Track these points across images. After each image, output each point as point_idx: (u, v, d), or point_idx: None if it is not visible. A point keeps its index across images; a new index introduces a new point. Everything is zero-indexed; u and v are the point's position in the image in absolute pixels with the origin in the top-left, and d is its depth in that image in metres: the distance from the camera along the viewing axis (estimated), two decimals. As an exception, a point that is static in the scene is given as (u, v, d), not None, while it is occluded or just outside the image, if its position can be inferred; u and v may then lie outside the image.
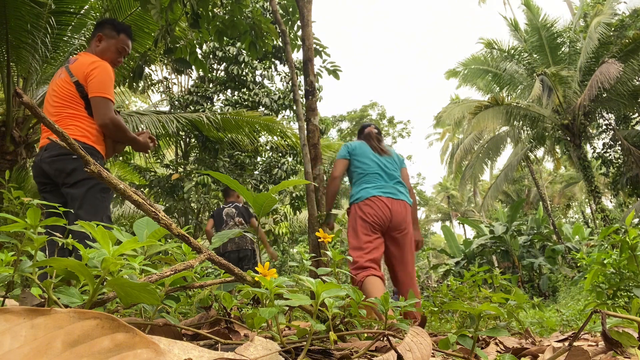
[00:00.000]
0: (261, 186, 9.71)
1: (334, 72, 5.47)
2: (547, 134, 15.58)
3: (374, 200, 2.78)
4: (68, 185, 2.17)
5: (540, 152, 19.88)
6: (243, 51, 9.89)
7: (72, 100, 2.25)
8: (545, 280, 15.16)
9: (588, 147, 15.68)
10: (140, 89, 11.58)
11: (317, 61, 6.12)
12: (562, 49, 15.49)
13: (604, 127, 15.23)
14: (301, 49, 4.53)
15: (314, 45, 5.15)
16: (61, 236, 1.09)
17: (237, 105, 9.93)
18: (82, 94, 2.26)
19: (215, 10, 4.71)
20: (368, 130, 3.21)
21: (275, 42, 8.36)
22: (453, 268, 17.25)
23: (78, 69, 2.27)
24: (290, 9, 5.48)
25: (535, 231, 17.02)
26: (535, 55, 15.79)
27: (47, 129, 2.27)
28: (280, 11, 5.39)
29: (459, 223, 36.78)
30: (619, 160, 14.31)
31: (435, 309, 2.48)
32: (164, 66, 11.92)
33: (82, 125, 2.24)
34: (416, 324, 1.02)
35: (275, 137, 9.32)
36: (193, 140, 9.40)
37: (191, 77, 11.54)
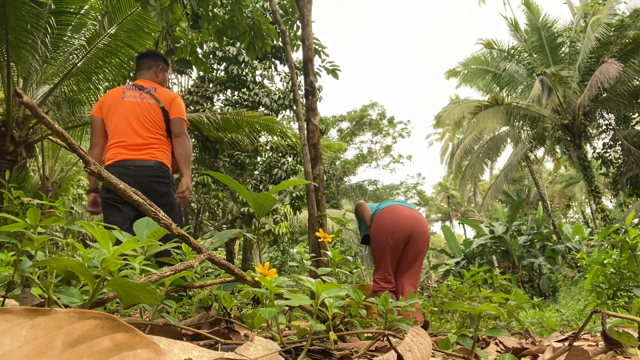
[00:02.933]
0: (261, 186, 9.71)
1: (333, 72, 5.47)
2: (547, 134, 15.57)
3: (392, 209, 2.99)
4: (160, 205, 2.36)
5: (540, 152, 19.89)
6: (243, 51, 9.88)
7: (160, 125, 2.62)
8: (545, 280, 15.15)
9: (588, 147, 15.68)
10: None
11: (316, 61, 6.14)
12: (562, 49, 15.49)
13: (604, 127, 15.23)
14: (301, 49, 4.53)
15: (314, 45, 5.16)
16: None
17: (237, 105, 9.92)
18: (165, 118, 2.64)
19: (215, 10, 4.71)
20: None
21: (274, 43, 8.36)
22: (453, 268, 17.26)
23: (163, 97, 2.67)
24: (290, 9, 5.47)
25: (535, 231, 17.02)
26: (535, 55, 15.78)
27: (143, 146, 2.55)
28: (280, 11, 5.39)
29: (459, 223, 36.79)
30: (619, 160, 14.31)
31: (435, 309, 2.48)
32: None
33: (168, 151, 2.65)
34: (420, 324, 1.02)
35: (275, 137, 9.30)
36: (193, 140, 9.40)
37: (191, 77, 11.54)
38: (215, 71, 10.79)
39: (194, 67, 4.83)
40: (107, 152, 2.60)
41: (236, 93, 10.43)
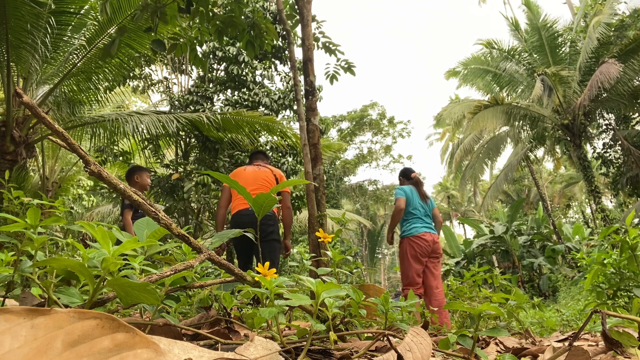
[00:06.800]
0: (261, 186, 9.65)
1: (350, 69, 5.43)
2: (547, 134, 15.57)
3: (421, 236, 3.84)
4: (267, 240, 3.47)
5: (540, 152, 19.88)
6: (243, 51, 9.88)
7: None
8: (545, 280, 15.16)
9: (588, 147, 15.68)
10: (140, 88, 11.58)
11: (332, 60, 6.16)
12: (563, 49, 15.48)
13: (604, 127, 15.22)
14: (301, 49, 4.52)
15: (328, 45, 5.23)
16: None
17: (237, 105, 9.90)
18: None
19: (215, 10, 4.69)
20: (415, 176, 4.17)
21: (274, 43, 8.33)
22: (453, 268, 17.26)
23: (275, 171, 3.84)
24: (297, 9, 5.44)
25: (535, 231, 17.02)
26: (535, 55, 15.77)
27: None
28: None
29: (459, 223, 36.77)
30: (619, 160, 14.30)
31: (436, 308, 2.49)
32: (164, 66, 11.91)
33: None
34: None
35: (275, 137, 9.30)
36: (193, 140, 9.38)
37: (191, 77, 11.53)
38: (215, 71, 10.78)
39: (193, 66, 4.81)
40: (232, 204, 3.66)
41: (236, 93, 10.41)
